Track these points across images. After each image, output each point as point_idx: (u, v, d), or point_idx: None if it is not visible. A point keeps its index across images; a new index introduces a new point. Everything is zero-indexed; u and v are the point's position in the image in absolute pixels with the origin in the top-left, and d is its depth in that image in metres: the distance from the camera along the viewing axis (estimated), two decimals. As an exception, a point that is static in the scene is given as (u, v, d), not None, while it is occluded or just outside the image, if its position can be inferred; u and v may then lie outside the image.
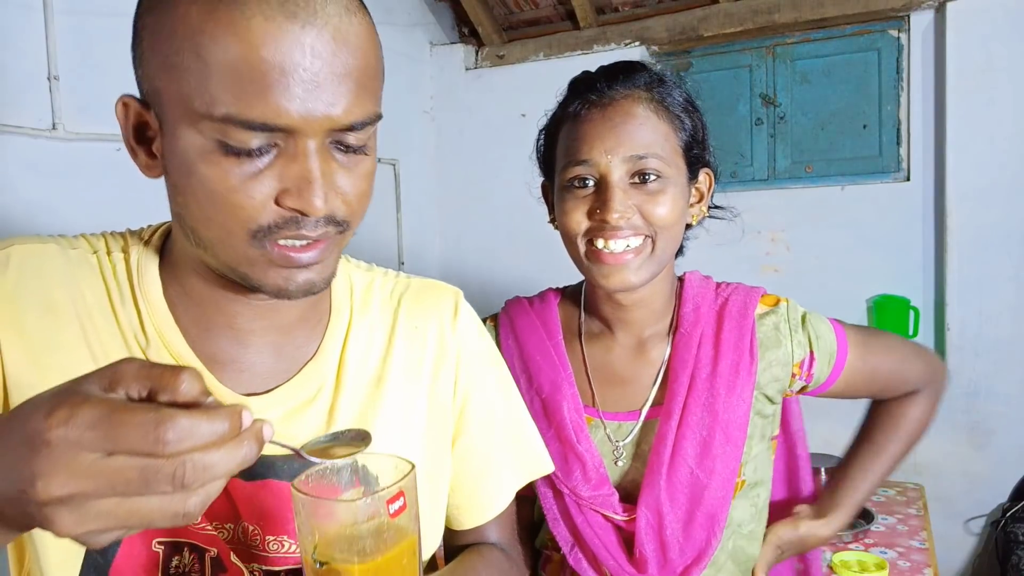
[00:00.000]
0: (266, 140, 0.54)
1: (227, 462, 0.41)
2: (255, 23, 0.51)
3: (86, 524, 0.40)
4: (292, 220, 0.56)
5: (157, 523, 0.41)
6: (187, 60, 0.52)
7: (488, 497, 0.81)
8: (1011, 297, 2.26)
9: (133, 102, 0.59)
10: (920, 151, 2.44)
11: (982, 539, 2.35)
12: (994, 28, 2.23)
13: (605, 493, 0.96)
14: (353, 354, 0.72)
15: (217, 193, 0.54)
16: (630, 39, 2.73)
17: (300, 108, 0.53)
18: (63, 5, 1.70)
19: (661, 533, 0.94)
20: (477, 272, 2.95)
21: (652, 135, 0.91)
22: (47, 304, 0.62)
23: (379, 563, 0.52)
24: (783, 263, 2.62)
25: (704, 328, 0.99)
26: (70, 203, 1.70)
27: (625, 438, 0.99)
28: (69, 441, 0.38)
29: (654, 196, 0.90)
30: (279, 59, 0.52)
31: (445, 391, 0.77)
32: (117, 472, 0.39)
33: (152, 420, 0.39)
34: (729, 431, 0.95)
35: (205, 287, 0.65)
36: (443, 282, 0.82)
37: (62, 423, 0.39)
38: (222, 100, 0.52)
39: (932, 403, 1.12)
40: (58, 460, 0.38)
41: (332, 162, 0.57)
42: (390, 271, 0.81)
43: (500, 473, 0.82)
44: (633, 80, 0.93)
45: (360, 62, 0.55)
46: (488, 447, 0.80)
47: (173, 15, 0.53)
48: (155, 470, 0.39)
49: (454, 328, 0.78)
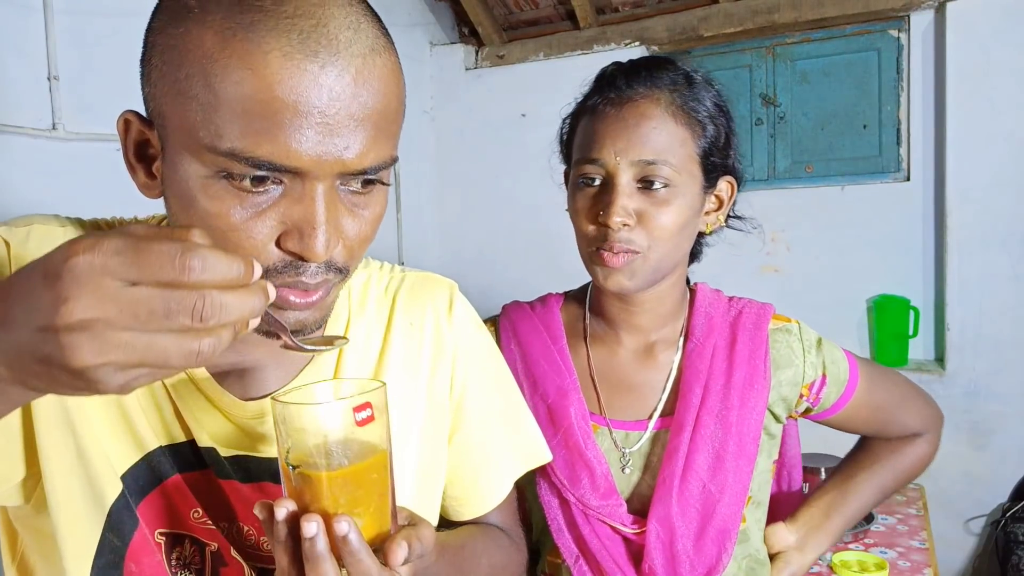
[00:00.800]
0: (271, 178, 0.52)
1: (240, 306, 0.41)
2: (272, 59, 0.49)
3: (106, 355, 0.39)
4: (292, 265, 0.54)
5: (173, 360, 0.40)
6: (196, 87, 0.50)
7: (488, 488, 0.81)
8: (1011, 297, 2.26)
9: (136, 119, 0.57)
10: (920, 151, 2.44)
11: (982, 539, 2.35)
12: (994, 28, 2.23)
13: (613, 503, 0.94)
14: (351, 355, 0.72)
15: (216, 229, 0.52)
16: (630, 39, 2.73)
17: (311, 151, 0.50)
18: (63, 5, 1.70)
19: (672, 547, 0.92)
20: (477, 272, 2.95)
21: (666, 140, 0.87)
22: None
23: (347, 472, 0.54)
24: (783, 263, 2.62)
25: (717, 339, 0.97)
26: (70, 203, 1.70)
27: (633, 447, 0.97)
28: (94, 266, 0.38)
29: (659, 205, 0.88)
30: (294, 99, 0.49)
31: (442, 385, 0.77)
32: (140, 301, 0.39)
33: (179, 248, 0.39)
34: (742, 444, 0.93)
35: None
36: (438, 275, 0.82)
37: (88, 249, 0.38)
38: (228, 134, 0.49)
39: (933, 447, 1.12)
40: (83, 284, 0.38)
41: (339, 205, 0.54)
42: (385, 264, 0.80)
43: (499, 464, 0.82)
44: (655, 80, 0.90)
45: (380, 104, 0.53)
46: (486, 439, 0.80)
47: (186, 38, 0.51)
48: (177, 300, 0.39)
49: (450, 322, 0.78)
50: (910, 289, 2.46)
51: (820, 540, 1.06)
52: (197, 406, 0.64)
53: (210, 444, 0.64)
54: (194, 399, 0.64)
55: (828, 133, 2.60)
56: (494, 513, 0.83)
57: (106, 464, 0.61)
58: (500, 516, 0.84)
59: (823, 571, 1.49)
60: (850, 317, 2.56)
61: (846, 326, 2.56)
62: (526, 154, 2.98)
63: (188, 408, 0.64)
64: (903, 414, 1.07)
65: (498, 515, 0.83)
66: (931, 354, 2.49)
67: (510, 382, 0.85)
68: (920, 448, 1.10)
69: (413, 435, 0.74)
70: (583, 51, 2.80)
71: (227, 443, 0.65)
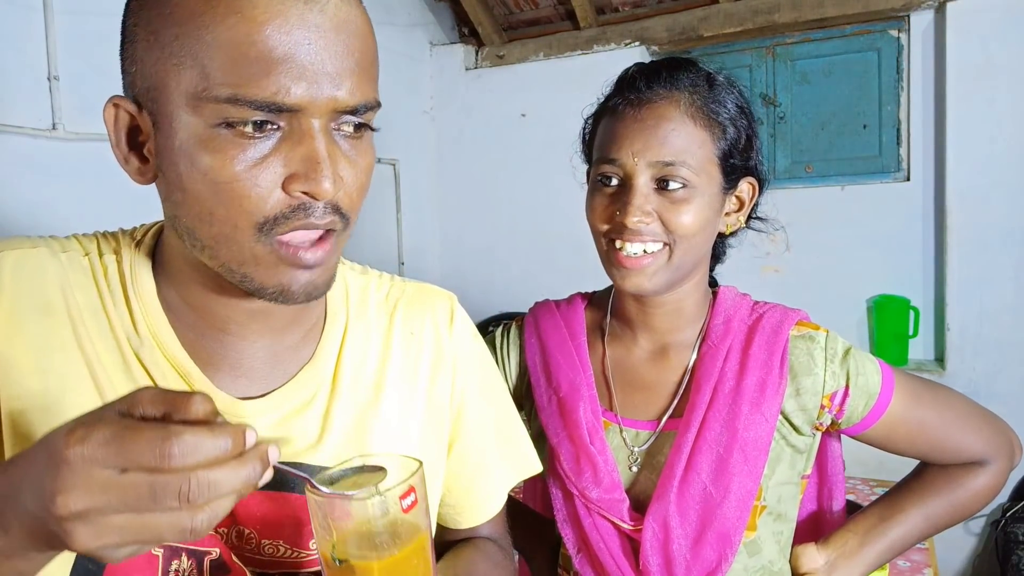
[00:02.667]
0: (271, 120, 0.53)
1: (231, 480, 0.43)
2: (259, 2, 0.51)
3: (102, 538, 0.42)
4: (300, 207, 0.55)
5: (167, 538, 0.42)
6: (188, 44, 0.52)
7: (484, 498, 0.82)
8: (1011, 297, 2.26)
9: (124, 102, 0.58)
10: (920, 151, 2.44)
11: (982, 539, 2.35)
12: (994, 28, 2.23)
13: (616, 497, 0.94)
14: (349, 359, 0.72)
15: (220, 183, 0.53)
16: (630, 39, 2.73)
17: (306, 87, 0.52)
18: (63, 5, 1.70)
19: (667, 547, 0.91)
20: (477, 272, 2.95)
21: (685, 141, 0.87)
22: (43, 307, 0.61)
23: (396, 559, 0.53)
24: (783, 263, 2.62)
25: (733, 341, 0.96)
26: (70, 203, 1.70)
27: (642, 445, 0.97)
28: (85, 458, 0.41)
29: (678, 204, 0.88)
30: (284, 38, 0.51)
31: (442, 396, 0.77)
32: (129, 487, 0.41)
33: (159, 436, 0.41)
34: (747, 450, 0.91)
35: (199, 290, 0.64)
36: (437, 287, 0.82)
37: (79, 442, 0.41)
38: (226, 81, 0.51)
39: (998, 480, 1.00)
40: (76, 476, 0.41)
41: (336, 148, 0.56)
42: (384, 274, 0.81)
43: (495, 475, 0.82)
44: (675, 81, 0.90)
45: (361, 45, 0.56)
46: (484, 450, 0.81)
47: (168, 5, 0.53)
48: (163, 485, 0.41)
49: (450, 333, 0.79)
50: (910, 289, 2.46)
51: (852, 568, 0.98)
52: None
53: None
54: None
55: (828, 133, 2.60)
56: (487, 525, 0.83)
57: None
58: (492, 527, 0.85)
59: (823, 571, 1.49)
60: (850, 317, 2.56)
61: (846, 326, 2.56)
62: (526, 154, 2.98)
63: None
64: (960, 436, 0.97)
65: (490, 527, 0.84)
66: (931, 354, 2.49)
67: (506, 393, 0.86)
68: (981, 479, 0.98)
69: (412, 443, 0.74)
70: (583, 51, 2.80)
71: None
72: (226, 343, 0.66)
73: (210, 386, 0.64)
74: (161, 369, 0.63)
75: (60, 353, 0.61)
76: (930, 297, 2.46)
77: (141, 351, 0.63)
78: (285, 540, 0.66)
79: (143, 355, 0.63)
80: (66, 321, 0.62)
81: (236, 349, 0.66)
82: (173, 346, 0.64)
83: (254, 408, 0.65)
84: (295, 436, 0.67)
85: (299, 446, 0.66)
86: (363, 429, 0.70)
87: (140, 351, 0.63)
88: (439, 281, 0.84)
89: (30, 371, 0.60)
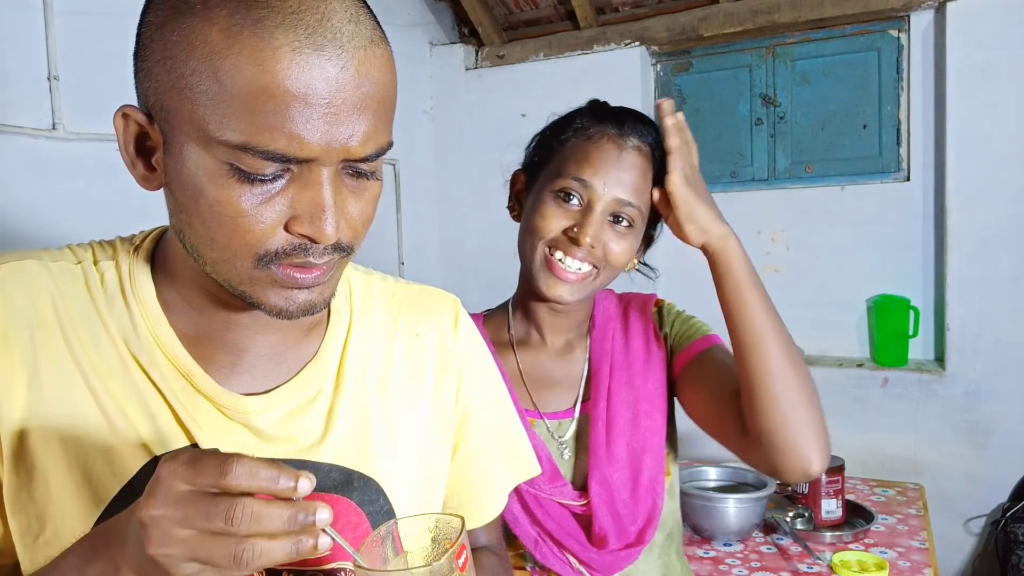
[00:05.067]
0: (280, 167, 0.53)
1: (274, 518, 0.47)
2: (282, 54, 0.50)
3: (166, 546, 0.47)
4: (300, 247, 0.56)
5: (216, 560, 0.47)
6: (204, 82, 0.51)
7: (485, 501, 0.82)
8: (1011, 297, 2.26)
9: (135, 113, 0.57)
10: (920, 151, 2.44)
11: (982, 539, 2.35)
12: (994, 28, 2.23)
13: (560, 483, 1.05)
14: (353, 357, 0.72)
15: (225, 217, 0.54)
16: (630, 39, 2.73)
17: (320, 140, 0.52)
18: (63, 5, 1.70)
19: (613, 505, 1.03)
20: (477, 272, 2.95)
21: (642, 188, 1.01)
22: (34, 321, 0.61)
23: None
24: (783, 263, 2.62)
25: (614, 325, 1.13)
26: (70, 203, 1.70)
27: (565, 434, 1.09)
28: (170, 474, 0.47)
29: (619, 237, 1.01)
30: (304, 92, 0.51)
31: (447, 399, 0.77)
32: (191, 502, 0.47)
33: (226, 456, 0.47)
34: (653, 401, 1.07)
35: (202, 294, 0.64)
36: (441, 290, 0.83)
37: (170, 459, 0.48)
38: (240, 128, 0.51)
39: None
40: (159, 487, 0.47)
41: (343, 189, 0.57)
42: (388, 276, 0.81)
43: (497, 477, 0.83)
44: (645, 134, 1.03)
45: (380, 93, 0.55)
46: (487, 453, 0.81)
47: (190, 35, 0.52)
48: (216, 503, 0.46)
49: (455, 337, 0.79)
50: (910, 289, 2.46)
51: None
52: (196, 408, 0.63)
53: (212, 446, 0.63)
54: (192, 401, 0.63)
55: (828, 133, 2.60)
56: (484, 532, 0.84)
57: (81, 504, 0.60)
58: (489, 534, 0.85)
59: (823, 571, 1.49)
60: (850, 317, 2.56)
61: (846, 326, 2.56)
62: (526, 154, 2.97)
63: (187, 411, 0.63)
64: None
65: (488, 533, 0.85)
66: (931, 354, 2.49)
67: (507, 396, 0.87)
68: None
69: (417, 443, 0.74)
70: (583, 51, 2.80)
71: (230, 444, 0.64)
72: (229, 341, 0.66)
73: (213, 384, 0.64)
74: (161, 371, 0.63)
75: (52, 366, 0.61)
76: (930, 297, 2.46)
77: (140, 354, 0.63)
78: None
79: (142, 358, 0.63)
80: (57, 332, 0.61)
81: (239, 347, 0.66)
82: (174, 346, 0.64)
83: (258, 404, 0.65)
84: (298, 433, 0.67)
85: (303, 443, 0.67)
86: (367, 428, 0.70)
87: (139, 354, 0.63)
88: (439, 281, 0.85)
89: (24, 386, 0.60)
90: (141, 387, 0.62)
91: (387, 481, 0.70)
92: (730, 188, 2.73)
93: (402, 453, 0.72)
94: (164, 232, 0.69)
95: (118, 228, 0.75)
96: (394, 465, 0.71)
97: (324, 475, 0.67)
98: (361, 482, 0.68)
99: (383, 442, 0.71)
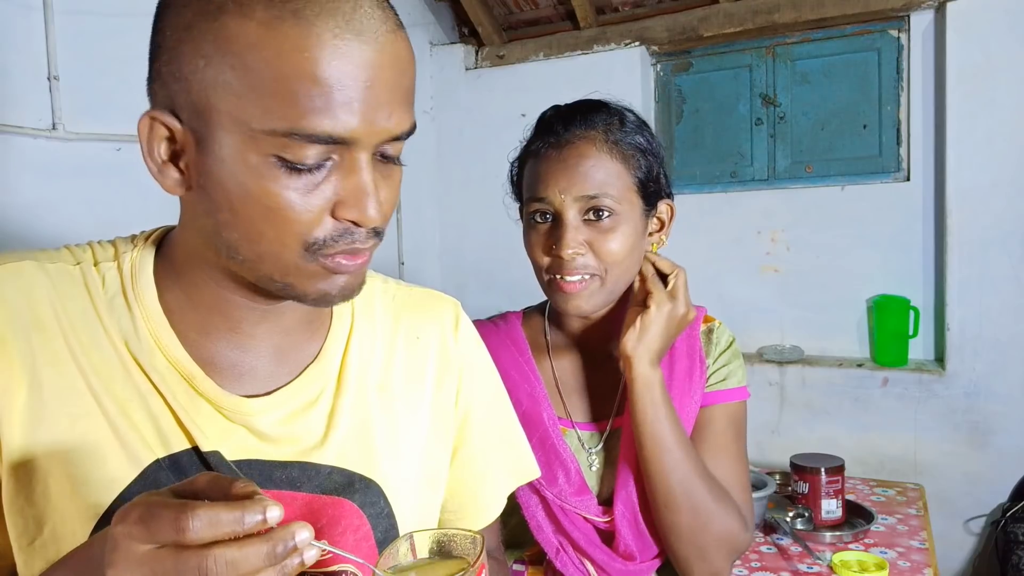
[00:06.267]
0: (324, 154, 0.55)
1: (253, 559, 0.44)
2: (325, 39, 0.52)
3: None
4: (346, 232, 0.58)
5: None
6: (245, 76, 0.53)
7: (485, 503, 0.82)
8: (1011, 297, 2.26)
9: (163, 115, 0.57)
10: (920, 151, 2.44)
11: (982, 539, 2.35)
12: (994, 28, 2.23)
13: (587, 497, 1.03)
14: (355, 358, 0.72)
15: (273, 209, 0.55)
16: (630, 39, 2.73)
17: (362, 120, 0.54)
18: (63, 5, 1.70)
19: (637, 525, 1.02)
20: (478, 272, 2.95)
21: (604, 175, 0.97)
22: (32, 323, 0.61)
23: None
24: (783, 263, 2.62)
25: None
26: (70, 203, 1.70)
27: (596, 445, 1.07)
28: (124, 534, 0.44)
29: (606, 233, 0.97)
30: (346, 75, 0.53)
31: (447, 401, 0.78)
32: (158, 562, 0.44)
33: (177, 511, 0.43)
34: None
35: (211, 292, 0.64)
36: (441, 292, 0.83)
37: (120, 519, 0.45)
38: (286, 115, 0.53)
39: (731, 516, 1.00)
40: (119, 552, 0.44)
41: (378, 174, 0.59)
42: (389, 279, 0.81)
43: (496, 479, 0.83)
44: (589, 122, 0.99)
45: (408, 75, 0.58)
46: (487, 455, 0.81)
47: (225, 32, 0.53)
48: (184, 560, 0.43)
49: (456, 339, 0.79)
50: (910, 289, 2.46)
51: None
52: (197, 410, 0.63)
53: (214, 448, 0.63)
54: (193, 403, 0.63)
55: (828, 133, 2.60)
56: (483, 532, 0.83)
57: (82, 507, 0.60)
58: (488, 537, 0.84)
59: (823, 571, 1.49)
60: (850, 317, 2.56)
61: (846, 326, 2.56)
62: (526, 154, 2.97)
63: (188, 413, 0.63)
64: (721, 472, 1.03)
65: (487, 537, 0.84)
66: (931, 354, 2.49)
67: (507, 399, 0.87)
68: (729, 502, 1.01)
69: (417, 446, 0.74)
70: (583, 51, 2.80)
71: (232, 446, 0.64)
72: (232, 342, 0.66)
73: (213, 386, 0.64)
74: (161, 373, 0.63)
75: (52, 368, 0.60)
76: (930, 297, 2.46)
77: (140, 356, 0.63)
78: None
79: (143, 360, 0.63)
80: (57, 334, 0.61)
81: (242, 348, 0.66)
82: (175, 349, 0.64)
83: (260, 405, 0.65)
84: (300, 434, 0.67)
85: (304, 445, 0.67)
86: (368, 429, 0.70)
87: (139, 356, 0.63)
88: (439, 281, 0.86)
89: (24, 388, 0.59)
90: (142, 389, 0.62)
91: (388, 483, 0.70)
92: (730, 188, 2.73)
93: (403, 455, 0.72)
94: (166, 233, 0.69)
95: (118, 228, 0.75)
96: (395, 467, 0.71)
97: (325, 477, 0.67)
98: (363, 484, 0.69)
99: (384, 443, 0.71)
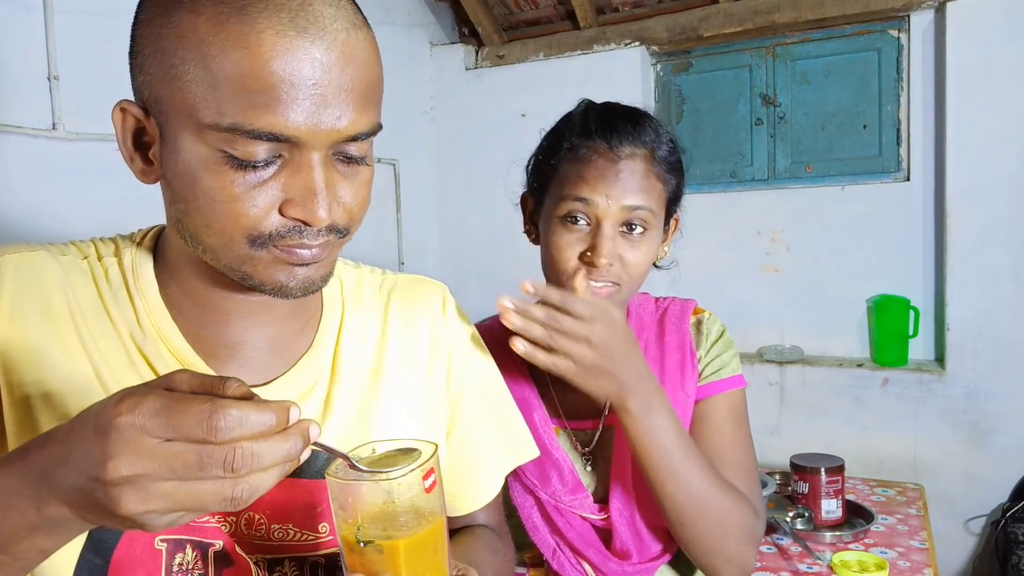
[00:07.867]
0: (271, 151, 0.55)
1: (274, 453, 0.45)
2: (266, 37, 0.52)
3: (148, 504, 0.44)
4: (295, 229, 0.57)
5: (210, 506, 0.45)
6: (193, 71, 0.53)
7: (482, 483, 0.83)
8: (1011, 297, 2.26)
9: (132, 107, 0.59)
10: (920, 151, 2.44)
11: (982, 539, 2.35)
12: (994, 28, 2.23)
13: (582, 497, 1.03)
14: (347, 346, 0.74)
15: (219, 202, 0.55)
16: (630, 39, 2.73)
17: (308, 120, 0.54)
18: (63, 5, 1.70)
19: (634, 523, 1.02)
20: (478, 272, 2.95)
21: (647, 190, 0.98)
22: (45, 309, 0.62)
23: (419, 537, 0.55)
24: (783, 263, 2.62)
25: (648, 335, 1.09)
26: (70, 203, 1.70)
27: (589, 444, 1.07)
28: (135, 426, 0.43)
29: (635, 245, 0.99)
30: (289, 72, 0.53)
31: (439, 382, 0.79)
32: (176, 456, 0.43)
33: (207, 409, 0.43)
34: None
35: (202, 285, 0.66)
36: (428, 277, 0.85)
37: (129, 410, 0.43)
38: (229, 111, 0.53)
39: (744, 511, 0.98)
40: (125, 443, 0.43)
41: (334, 173, 0.58)
42: (376, 269, 0.83)
43: (492, 459, 0.84)
44: (641, 136, 0.99)
45: (365, 75, 0.57)
46: (481, 435, 0.83)
47: (178, 27, 0.54)
48: (208, 454, 0.43)
49: (445, 320, 0.81)
50: (910, 289, 2.46)
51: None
52: None
53: None
54: None
55: (828, 133, 2.60)
56: (483, 512, 0.85)
57: None
58: (489, 514, 0.86)
59: (823, 571, 1.49)
60: (850, 317, 2.56)
61: (846, 326, 2.56)
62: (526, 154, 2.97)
63: None
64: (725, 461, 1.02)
65: (487, 514, 0.86)
66: (931, 354, 2.49)
67: (500, 379, 0.88)
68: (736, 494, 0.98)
69: (412, 430, 0.75)
70: (583, 51, 2.80)
71: None
72: (228, 335, 0.68)
73: None
74: (165, 362, 0.65)
75: (64, 354, 0.62)
76: (930, 297, 2.46)
77: (145, 346, 0.65)
78: (295, 524, 0.67)
79: (147, 350, 0.65)
80: (68, 322, 0.63)
81: (237, 340, 0.68)
82: (176, 340, 0.66)
83: None
84: None
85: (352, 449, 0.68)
86: (364, 415, 0.72)
87: (144, 346, 0.65)
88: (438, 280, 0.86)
89: (34, 371, 0.61)
90: (147, 378, 0.64)
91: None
92: (730, 188, 2.73)
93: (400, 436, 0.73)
94: (163, 229, 0.70)
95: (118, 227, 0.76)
96: None
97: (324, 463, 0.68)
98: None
99: (380, 429, 0.72)
